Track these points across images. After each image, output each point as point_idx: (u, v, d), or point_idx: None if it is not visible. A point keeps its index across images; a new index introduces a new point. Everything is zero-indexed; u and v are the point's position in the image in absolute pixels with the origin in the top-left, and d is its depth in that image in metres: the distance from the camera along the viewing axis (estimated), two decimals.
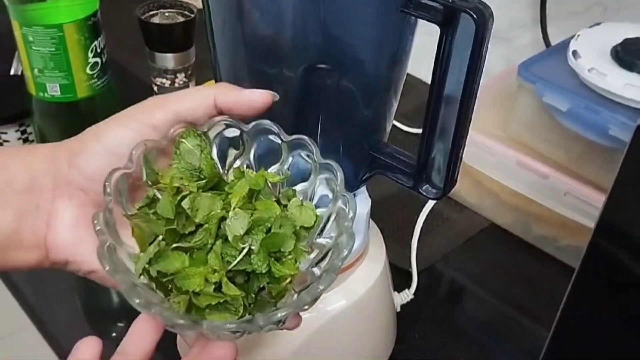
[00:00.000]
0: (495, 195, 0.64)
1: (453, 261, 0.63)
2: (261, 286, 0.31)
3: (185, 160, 0.32)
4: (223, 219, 0.31)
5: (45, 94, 0.60)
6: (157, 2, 0.64)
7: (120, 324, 0.57)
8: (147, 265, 0.29)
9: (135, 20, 0.62)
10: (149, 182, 0.32)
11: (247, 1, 0.34)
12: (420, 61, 0.41)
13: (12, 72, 0.70)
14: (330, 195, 0.33)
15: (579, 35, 0.59)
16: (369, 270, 0.47)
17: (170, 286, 0.30)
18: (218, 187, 0.32)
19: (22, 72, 0.65)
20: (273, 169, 0.34)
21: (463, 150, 0.36)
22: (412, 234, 0.60)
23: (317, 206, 0.33)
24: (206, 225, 0.30)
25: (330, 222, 0.32)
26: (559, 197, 0.58)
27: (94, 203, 0.32)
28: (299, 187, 0.33)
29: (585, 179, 0.57)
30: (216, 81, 0.40)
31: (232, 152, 0.34)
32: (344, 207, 0.31)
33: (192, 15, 0.62)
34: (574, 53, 0.57)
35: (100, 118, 0.64)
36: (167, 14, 0.63)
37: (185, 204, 0.30)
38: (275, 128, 0.33)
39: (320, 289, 0.28)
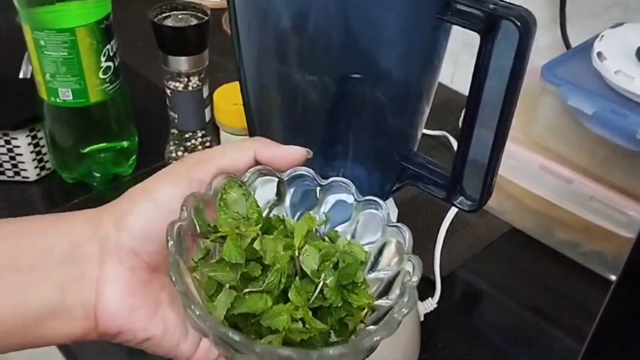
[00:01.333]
0: (516, 199, 0.63)
1: (474, 267, 0.62)
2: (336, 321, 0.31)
3: (232, 210, 0.32)
4: (291, 258, 0.31)
5: (57, 99, 0.59)
6: (169, 4, 0.62)
7: None
8: (225, 311, 0.29)
9: (146, 23, 0.61)
10: (202, 234, 0.31)
11: (274, 8, 0.32)
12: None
13: (20, 76, 0.69)
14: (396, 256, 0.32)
15: (602, 36, 0.58)
16: None
17: (249, 330, 0.30)
18: (268, 233, 0.32)
19: (31, 75, 0.64)
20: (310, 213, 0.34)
21: (499, 163, 0.35)
22: (435, 241, 0.59)
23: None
24: (277, 266, 0.30)
25: (395, 283, 0.32)
26: (584, 202, 0.57)
27: (146, 266, 0.31)
28: (339, 229, 0.34)
29: (611, 183, 0.56)
30: (241, 87, 0.38)
31: (267, 201, 0.34)
32: (410, 271, 0.31)
33: (206, 18, 0.61)
34: (599, 54, 0.56)
35: (113, 123, 0.63)
36: (180, 16, 0.62)
37: (257, 245, 0.30)
38: (311, 174, 0.33)
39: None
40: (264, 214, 0.33)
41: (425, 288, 0.57)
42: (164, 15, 0.62)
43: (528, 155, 0.60)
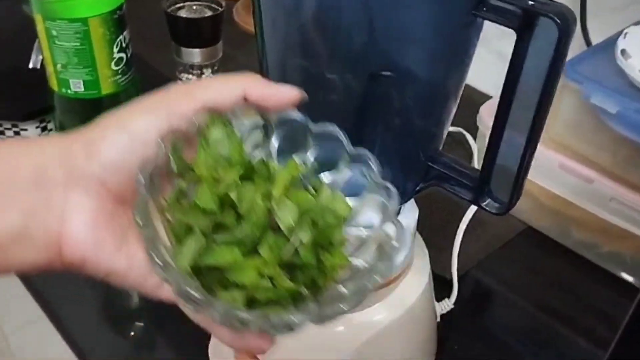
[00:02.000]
0: (534, 198, 0.62)
1: (490, 267, 0.61)
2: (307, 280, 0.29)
3: (213, 150, 0.30)
4: (268, 210, 0.29)
5: (69, 90, 0.58)
6: None
7: (139, 323, 0.55)
8: (191, 261, 0.27)
9: (159, 14, 0.60)
10: (178, 173, 0.29)
11: (301, 4, 0.31)
12: None
13: (30, 66, 0.68)
14: (379, 216, 0.30)
15: (626, 33, 0.57)
16: (414, 283, 0.45)
17: (214, 281, 0.28)
18: (249, 178, 0.30)
19: (41, 65, 0.63)
20: (295, 158, 0.32)
21: (530, 165, 0.34)
22: (452, 240, 0.58)
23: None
24: (252, 217, 0.28)
25: (370, 246, 0.30)
26: (604, 203, 0.56)
27: (114, 198, 0.29)
28: (326, 179, 0.31)
29: (632, 184, 0.55)
30: (263, 69, 0.37)
31: (250, 142, 0.32)
32: (391, 235, 0.29)
33: (220, 9, 0.60)
34: (623, 52, 0.55)
35: None
36: (194, 7, 0.60)
37: (232, 194, 0.28)
38: (301, 116, 0.31)
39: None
40: (248, 158, 0.31)
41: (441, 288, 0.56)
42: (177, 6, 0.61)
43: (548, 153, 0.59)
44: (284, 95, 0.30)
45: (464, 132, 0.71)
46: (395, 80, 0.32)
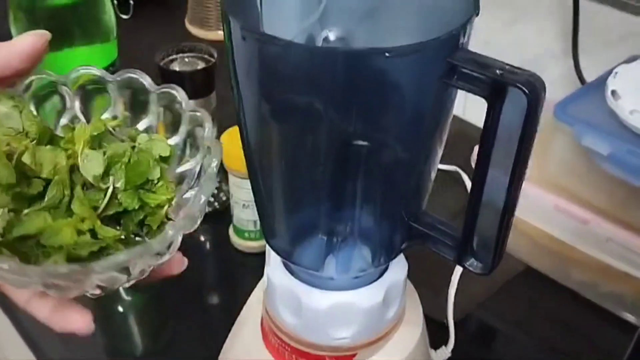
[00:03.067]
0: (530, 239, 0.61)
1: (490, 310, 0.60)
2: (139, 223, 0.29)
3: (3, 126, 0.29)
4: (72, 170, 0.29)
5: None
6: (176, 47, 0.62)
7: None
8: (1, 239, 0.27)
9: (153, 67, 0.60)
10: None
11: (274, 74, 0.32)
12: None
13: None
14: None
15: (616, 73, 0.57)
16: (406, 336, 0.45)
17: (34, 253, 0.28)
18: (53, 143, 0.30)
19: None
20: (107, 114, 0.32)
21: (511, 225, 0.34)
22: (448, 282, 0.57)
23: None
24: (57, 178, 0.28)
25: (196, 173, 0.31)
26: (601, 244, 0.56)
27: None
28: (142, 125, 0.32)
29: (629, 224, 0.55)
30: (241, 134, 0.37)
31: (52, 109, 0.32)
32: (211, 158, 0.29)
33: (213, 60, 0.60)
34: (613, 93, 0.55)
35: None
36: (187, 60, 0.61)
37: (25, 159, 0.28)
38: (99, 73, 0.32)
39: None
40: (46, 124, 0.30)
41: (437, 334, 0.55)
42: (170, 58, 0.61)
43: (542, 194, 0.58)
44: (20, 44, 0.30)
45: (460, 171, 0.71)
46: (372, 149, 0.33)
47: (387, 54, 0.28)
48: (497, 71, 0.30)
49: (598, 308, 0.59)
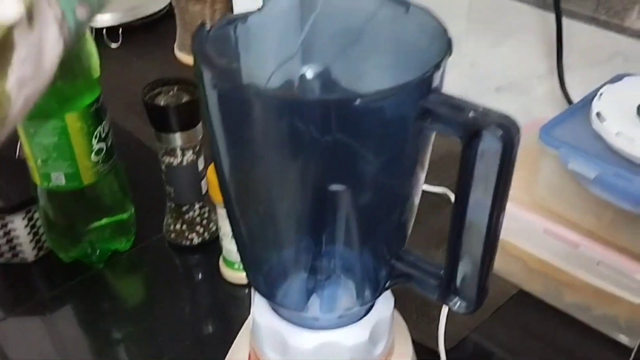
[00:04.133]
0: (522, 262, 0.61)
1: (483, 335, 0.60)
2: None
3: None
4: None
5: (50, 184, 0.58)
6: (160, 80, 0.62)
7: None
8: None
9: (139, 100, 0.60)
10: None
11: (249, 119, 0.31)
12: None
13: (17, 156, 0.69)
14: None
15: (601, 94, 0.57)
16: None
17: None
18: None
19: None
20: None
21: (493, 263, 0.34)
22: (440, 309, 0.57)
23: None
24: None
25: None
26: (591, 267, 0.55)
27: None
28: None
29: (619, 247, 0.54)
30: (219, 178, 0.37)
31: None
32: None
33: None
34: (598, 115, 0.54)
35: (108, 200, 0.63)
36: (171, 93, 0.61)
37: None
38: None
39: None
40: None
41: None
42: (155, 91, 0.61)
43: (532, 218, 0.58)
44: None
45: (449, 193, 0.70)
46: (350, 192, 0.32)
47: (358, 101, 0.28)
48: (471, 114, 0.29)
49: (592, 330, 0.59)
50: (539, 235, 0.58)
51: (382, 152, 0.32)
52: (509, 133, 0.29)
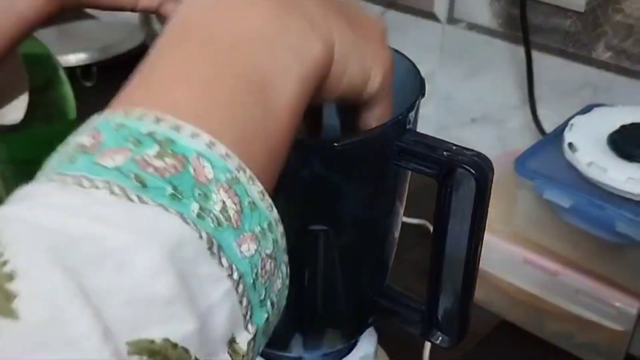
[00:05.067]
0: (504, 292, 0.62)
1: None
2: None
3: None
4: None
5: None
6: None
7: None
8: None
9: None
10: None
11: None
12: None
13: None
14: None
15: (572, 125, 0.58)
16: None
17: None
18: None
19: None
20: None
21: (473, 297, 0.34)
22: (424, 342, 0.57)
23: None
24: None
25: None
26: (571, 295, 0.56)
27: None
28: None
29: (597, 275, 0.55)
30: None
31: None
32: None
33: None
34: (570, 145, 0.56)
35: None
36: None
37: None
38: None
39: None
40: None
41: None
42: None
43: (511, 248, 0.59)
44: None
45: (428, 225, 0.71)
46: (329, 232, 0.33)
47: (335, 145, 0.29)
48: (445, 153, 0.30)
49: (574, 358, 0.59)
50: (519, 265, 0.58)
51: (361, 191, 0.32)
52: (482, 171, 0.30)
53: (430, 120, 0.79)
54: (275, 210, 0.23)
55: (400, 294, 0.37)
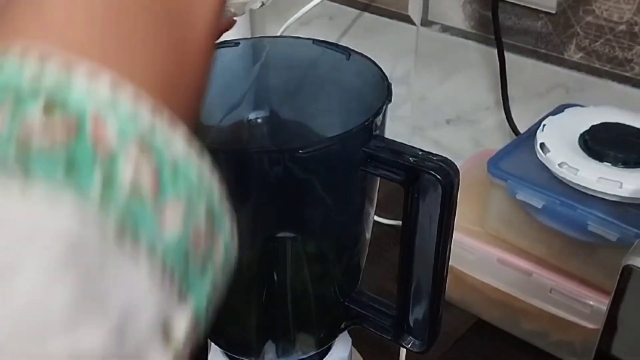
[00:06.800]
0: (479, 292, 0.62)
1: None
2: None
3: None
4: None
5: None
6: None
7: None
8: None
9: None
10: None
11: None
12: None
13: None
14: None
15: (544, 126, 0.58)
16: None
17: None
18: None
19: None
20: None
21: (442, 300, 0.34)
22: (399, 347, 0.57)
23: None
24: None
25: None
26: (545, 294, 0.56)
27: None
28: None
29: (570, 274, 0.56)
30: None
31: None
32: None
33: None
34: (542, 146, 0.56)
35: None
36: None
37: None
38: None
39: None
40: None
41: None
42: None
43: (485, 248, 0.59)
44: None
45: None
46: (298, 239, 0.33)
47: (300, 152, 0.29)
48: (411, 158, 0.30)
49: (550, 356, 0.60)
50: (493, 265, 0.59)
51: (328, 198, 0.32)
52: (448, 177, 0.30)
53: (405, 121, 0.79)
54: (205, 158, 0.18)
55: (371, 298, 0.38)
